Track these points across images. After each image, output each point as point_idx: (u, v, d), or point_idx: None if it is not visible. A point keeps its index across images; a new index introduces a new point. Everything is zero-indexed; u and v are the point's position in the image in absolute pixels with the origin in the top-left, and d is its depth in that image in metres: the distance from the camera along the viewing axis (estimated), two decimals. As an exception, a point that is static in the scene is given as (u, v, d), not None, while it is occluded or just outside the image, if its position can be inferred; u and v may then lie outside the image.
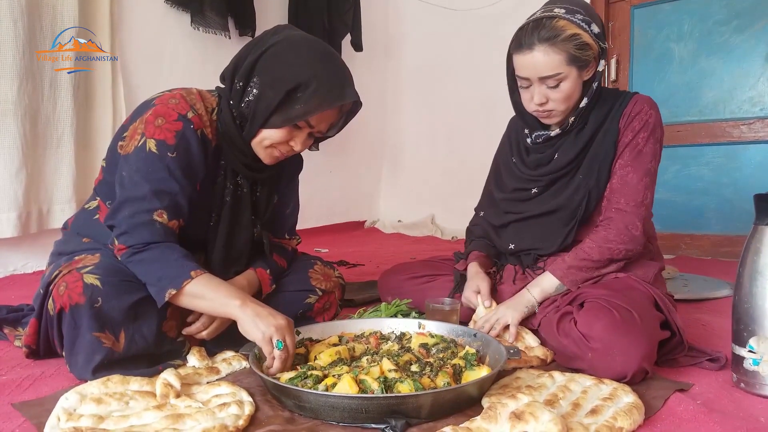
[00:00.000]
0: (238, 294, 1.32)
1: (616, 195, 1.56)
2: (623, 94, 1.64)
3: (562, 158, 1.64)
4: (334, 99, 1.37)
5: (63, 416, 1.05)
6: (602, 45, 1.54)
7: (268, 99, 1.35)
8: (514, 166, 1.76)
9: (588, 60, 1.52)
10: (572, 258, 1.55)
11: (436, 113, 4.61)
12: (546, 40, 1.48)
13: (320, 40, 1.47)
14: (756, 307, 1.22)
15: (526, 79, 1.55)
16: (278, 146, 1.42)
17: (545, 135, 1.66)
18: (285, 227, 1.73)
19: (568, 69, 1.50)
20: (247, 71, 1.38)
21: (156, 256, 1.30)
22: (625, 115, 1.59)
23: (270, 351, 1.24)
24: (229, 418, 1.06)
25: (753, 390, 1.24)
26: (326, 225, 4.35)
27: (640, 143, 1.57)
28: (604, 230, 1.54)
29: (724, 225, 3.33)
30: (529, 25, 1.52)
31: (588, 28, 1.51)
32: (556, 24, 1.49)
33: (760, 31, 3.22)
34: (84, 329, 1.25)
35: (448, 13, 4.36)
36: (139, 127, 1.37)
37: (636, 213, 1.53)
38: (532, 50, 1.50)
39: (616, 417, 1.06)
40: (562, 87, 1.52)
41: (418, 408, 1.07)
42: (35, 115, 2.52)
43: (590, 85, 1.58)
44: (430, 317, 1.59)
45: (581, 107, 1.59)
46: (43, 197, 2.59)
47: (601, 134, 1.61)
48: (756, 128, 3.26)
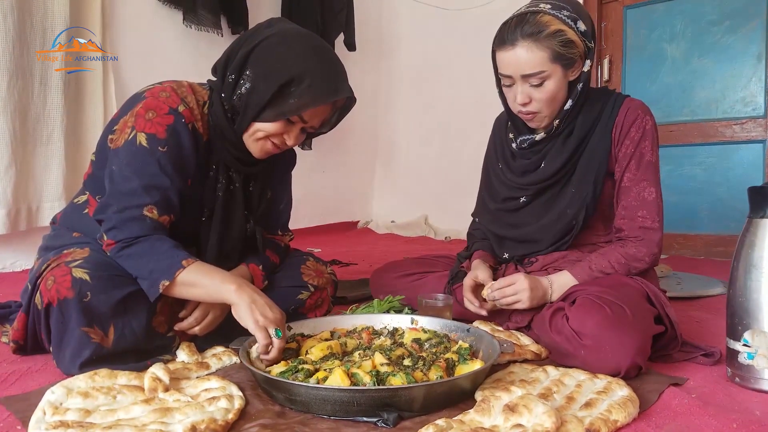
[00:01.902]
0: (233, 279, 1.30)
1: (639, 212, 1.52)
2: (612, 97, 1.59)
3: (550, 166, 1.60)
4: (328, 94, 1.36)
5: (49, 410, 1.03)
6: (589, 44, 1.49)
7: (260, 92, 1.34)
8: (501, 173, 1.73)
9: (573, 59, 1.48)
10: (597, 267, 1.52)
11: (429, 113, 4.60)
12: (529, 35, 1.44)
13: (314, 34, 1.46)
14: (751, 300, 1.22)
15: (508, 77, 1.50)
16: (270, 140, 1.41)
17: (530, 139, 1.62)
18: (278, 223, 1.72)
19: (552, 67, 1.46)
20: (240, 64, 1.36)
21: (145, 249, 1.28)
22: (618, 124, 1.55)
23: (263, 338, 1.22)
24: (218, 412, 1.04)
25: (748, 384, 1.23)
26: (319, 225, 4.33)
27: (646, 154, 1.53)
28: (634, 248, 1.51)
29: (717, 225, 3.34)
30: (513, 20, 1.48)
31: (574, 25, 1.46)
32: (540, 19, 1.44)
33: (752, 31, 3.23)
34: (72, 324, 1.23)
35: (442, 12, 4.36)
36: (130, 120, 1.36)
37: (660, 228, 1.51)
38: (515, 46, 1.45)
39: (610, 410, 1.04)
40: (546, 86, 1.47)
41: (410, 401, 1.06)
42: (25, 111, 2.50)
43: (575, 86, 1.53)
44: (423, 313, 1.57)
45: (566, 109, 1.54)
46: (32, 194, 2.57)
47: (592, 143, 1.57)
48: (748, 128, 3.27)
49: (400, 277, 1.90)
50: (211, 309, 1.41)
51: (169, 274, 1.26)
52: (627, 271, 1.51)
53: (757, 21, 3.21)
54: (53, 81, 2.57)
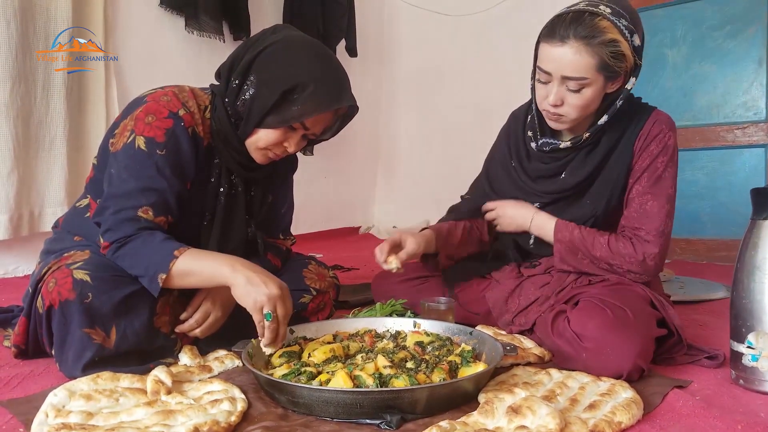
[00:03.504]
0: (227, 260, 1.28)
1: (636, 223, 1.48)
2: (640, 110, 1.53)
3: (571, 179, 1.55)
4: (331, 102, 1.36)
5: (51, 413, 1.03)
6: (638, 61, 1.42)
7: (263, 98, 1.34)
8: (513, 171, 1.67)
9: (619, 72, 1.40)
10: (579, 237, 1.50)
11: (430, 119, 4.60)
12: (582, 37, 1.35)
13: (319, 42, 1.46)
14: (754, 302, 1.21)
15: (547, 74, 1.42)
16: (272, 148, 1.41)
17: (554, 145, 1.55)
18: (279, 227, 1.72)
19: (596, 75, 1.38)
20: (244, 69, 1.36)
21: (138, 246, 1.28)
22: (642, 137, 1.50)
23: (260, 320, 1.22)
24: (220, 414, 1.04)
25: (752, 386, 1.23)
26: (321, 230, 4.32)
27: (659, 168, 1.49)
28: (622, 245, 1.47)
29: (720, 229, 3.33)
30: (569, 16, 1.37)
31: (630, 38, 1.37)
32: (598, 23, 1.35)
33: (753, 35, 3.24)
34: (74, 325, 1.23)
35: (443, 18, 4.37)
36: (129, 123, 1.36)
37: (657, 243, 1.46)
38: (564, 44, 1.36)
39: (614, 412, 1.04)
40: (584, 93, 1.40)
41: (413, 403, 1.05)
42: (28, 116, 2.50)
43: (613, 101, 1.46)
44: (426, 316, 1.57)
45: (599, 125, 1.48)
46: (34, 200, 2.57)
47: (614, 156, 1.52)
48: (750, 132, 3.27)
49: (402, 281, 1.89)
50: (212, 310, 1.41)
51: (164, 267, 1.25)
52: (606, 264, 1.47)
53: (757, 26, 3.21)
54: (56, 86, 2.57)
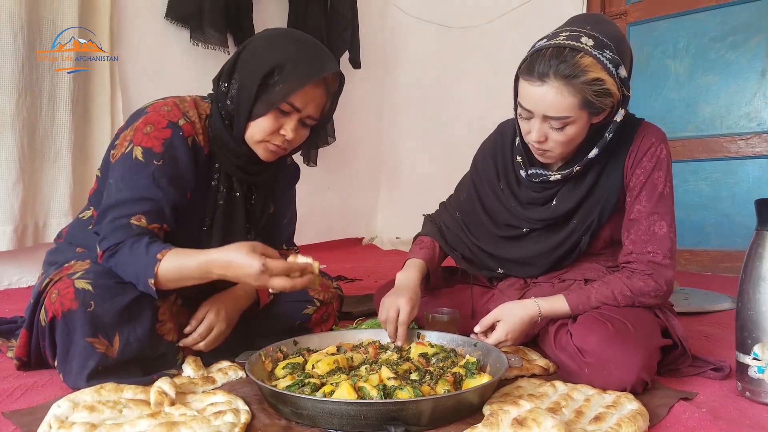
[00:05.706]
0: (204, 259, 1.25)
1: (649, 246, 1.40)
2: (627, 124, 1.45)
3: (562, 206, 1.52)
4: (312, 73, 1.36)
5: (55, 424, 1.03)
6: (626, 92, 1.36)
7: (247, 89, 1.36)
8: (501, 194, 1.63)
9: (603, 108, 1.35)
10: (598, 298, 1.40)
11: (433, 130, 4.61)
12: (564, 77, 1.28)
13: (298, 30, 1.48)
14: (760, 313, 1.21)
15: (527, 111, 1.36)
16: (270, 138, 1.40)
17: (544, 177, 1.51)
18: (282, 238, 1.72)
19: (579, 113, 1.32)
20: (229, 71, 1.41)
21: (126, 253, 1.28)
22: (632, 153, 1.45)
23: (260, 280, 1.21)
24: (224, 426, 1.03)
25: (758, 398, 1.22)
26: (324, 241, 4.32)
27: (659, 185, 1.43)
28: (642, 281, 1.39)
29: (724, 240, 3.31)
30: (548, 51, 1.30)
31: (615, 72, 1.31)
32: (579, 61, 1.28)
33: (755, 47, 3.24)
34: (77, 335, 1.23)
35: (446, 31, 4.39)
36: (129, 134, 1.38)
37: (671, 265, 1.39)
38: (544, 83, 1.30)
39: (620, 423, 1.04)
40: (567, 131, 1.35)
41: (418, 415, 1.05)
42: (33, 128, 2.52)
43: (601, 129, 1.41)
44: (430, 328, 1.57)
45: (589, 158, 1.43)
46: (39, 210, 2.58)
47: (604, 175, 1.49)
48: (753, 143, 3.27)
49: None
50: (216, 323, 1.41)
51: (150, 272, 1.24)
52: (627, 303, 1.39)
53: (760, 37, 3.22)
54: (62, 99, 2.58)
